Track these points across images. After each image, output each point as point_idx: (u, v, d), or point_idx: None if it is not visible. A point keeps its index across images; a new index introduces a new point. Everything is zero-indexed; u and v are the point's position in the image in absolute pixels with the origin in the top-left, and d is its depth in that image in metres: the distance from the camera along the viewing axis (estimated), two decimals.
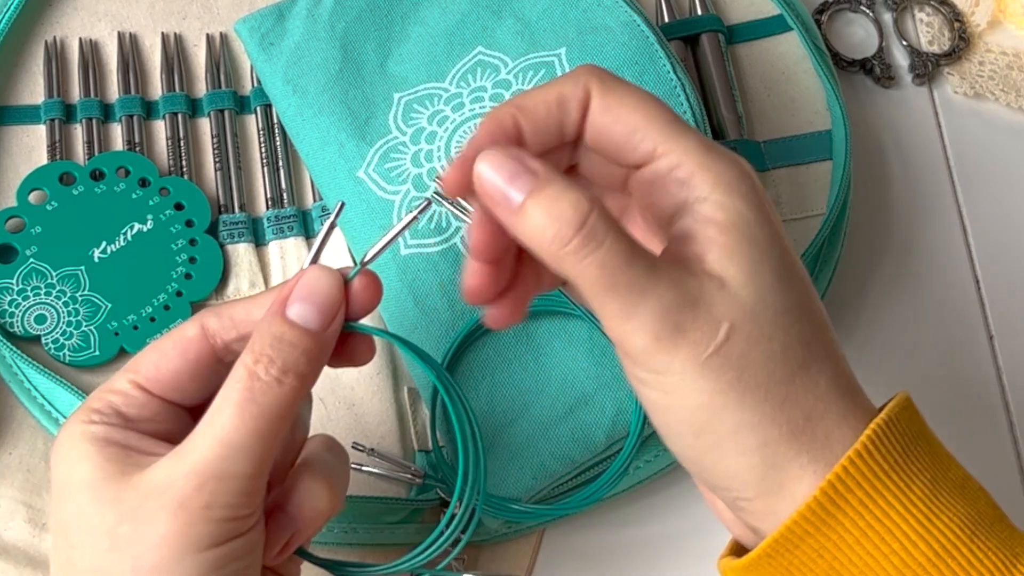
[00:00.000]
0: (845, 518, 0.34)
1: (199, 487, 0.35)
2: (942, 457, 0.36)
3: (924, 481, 0.35)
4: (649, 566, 0.52)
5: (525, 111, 0.37)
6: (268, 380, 0.36)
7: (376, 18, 0.57)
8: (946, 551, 0.34)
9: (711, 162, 0.36)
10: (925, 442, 0.36)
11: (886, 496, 0.34)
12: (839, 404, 0.35)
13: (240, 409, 0.36)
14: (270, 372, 0.37)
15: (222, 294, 0.54)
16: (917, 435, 0.36)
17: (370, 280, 0.39)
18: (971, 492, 0.36)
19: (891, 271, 0.60)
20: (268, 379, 0.36)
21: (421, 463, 0.51)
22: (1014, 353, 0.58)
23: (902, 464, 0.35)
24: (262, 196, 0.57)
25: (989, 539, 0.34)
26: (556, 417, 0.50)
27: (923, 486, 0.35)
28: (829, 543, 0.34)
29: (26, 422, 0.51)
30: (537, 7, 0.56)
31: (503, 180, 0.35)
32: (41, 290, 0.52)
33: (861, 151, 0.62)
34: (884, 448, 0.35)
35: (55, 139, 0.56)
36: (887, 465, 0.34)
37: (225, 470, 0.36)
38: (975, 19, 0.66)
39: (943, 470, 0.36)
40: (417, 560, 0.43)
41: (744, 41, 0.63)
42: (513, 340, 0.51)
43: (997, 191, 0.62)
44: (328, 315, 0.38)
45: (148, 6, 0.60)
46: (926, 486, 0.35)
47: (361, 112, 0.55)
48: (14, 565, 0.48)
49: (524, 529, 0.51)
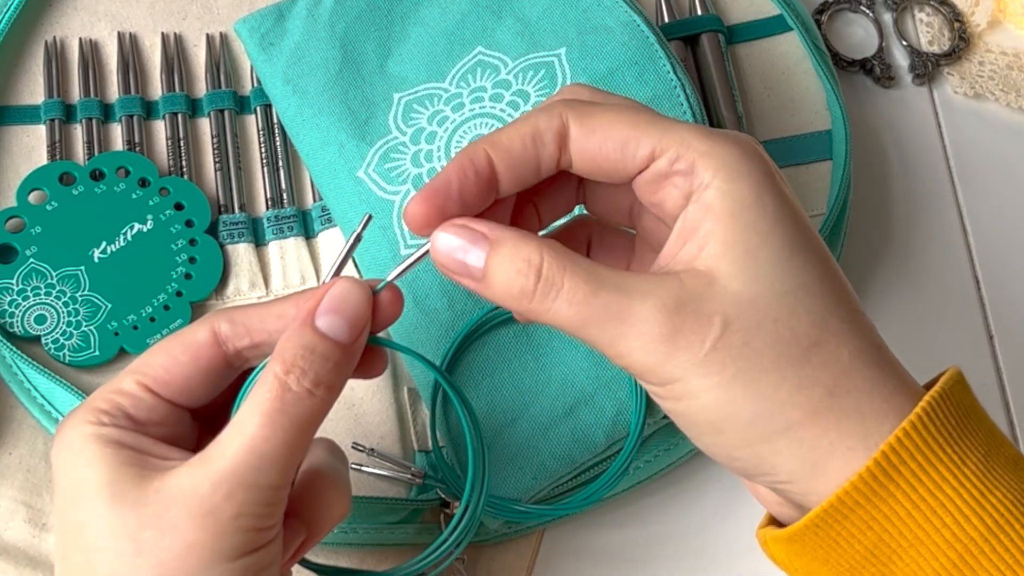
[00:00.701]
0: (897, 490, 0.34)
1: (228, 496, 0.35)
2: (995, 433, 0.36)
3: (978, 456, 0.34)
4: (649, 566, 0.52)
5: (498, 146, 0.37)
6: (299, 391, 0.36)
7: (376, 18, 0.57)
8: (999, 526, 0.33)
9: (710, 147, 0.35)
10: (977, 417, 0.36)
11: (939, 469, 0.34)
12: (866, 376, 0.34)
13: (271, 419, 0.36)
14: (302, 384, 0.36)
15: (222, 294, 0.54)
16: (969, 410, 0.36)
17: (395, 295, 0.39)
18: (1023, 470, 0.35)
19: (891, 271, 0.60)
20: (300, 390, 0.36)
21: (421, 463, 0.51)
22: (1014, 353, 0.58)
23: (956, 438, 0.34)
24: (262, 196, 0.57)
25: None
26: (556, 417, 0.50)
27: (977, 461, 0.34)
28: (879, 515, 0.34)
29: (26, 422, 0.51)
30: (537, 7, 0.56)
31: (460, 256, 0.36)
32: (41, 290, 0.52)
33: (861, 151, 0.62)
34: (938, 420, 0.34)
35: (55, 139, 0.56)
36: (941, 438, 0.34)
37: (254, 480, 0.35)
38: (975, 19, 0.66)
39: (996, 446, 0.35)
40: (423, 564, 0.43)
41: (744, 41, 0.63)
42: (513, 340, 0.51)
43: (997, 191, 0.62)
44: (357, 328, 0.38)
45: (148, 6, 0.60)
46: (980, 461, 0.34)
47: (361, 112, 0.55)
48: (14, 565, 0.48)
49: (524, 529, 0.51)
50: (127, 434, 0.37)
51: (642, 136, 0.36)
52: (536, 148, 0.37)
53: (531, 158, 0.37)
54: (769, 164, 0.36)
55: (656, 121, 0.36)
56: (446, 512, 0.50)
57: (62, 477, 0.37)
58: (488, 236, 0.36)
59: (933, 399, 0.34)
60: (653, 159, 0.36)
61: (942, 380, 0.35)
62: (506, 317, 0.51)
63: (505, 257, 0.36)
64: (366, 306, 0.38)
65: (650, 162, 0.36)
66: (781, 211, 0.35)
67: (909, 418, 0.34)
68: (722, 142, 0.36)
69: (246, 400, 0.36)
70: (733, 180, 0.35)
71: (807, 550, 0.36)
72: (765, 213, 0.35)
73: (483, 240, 0.36)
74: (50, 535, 0.49)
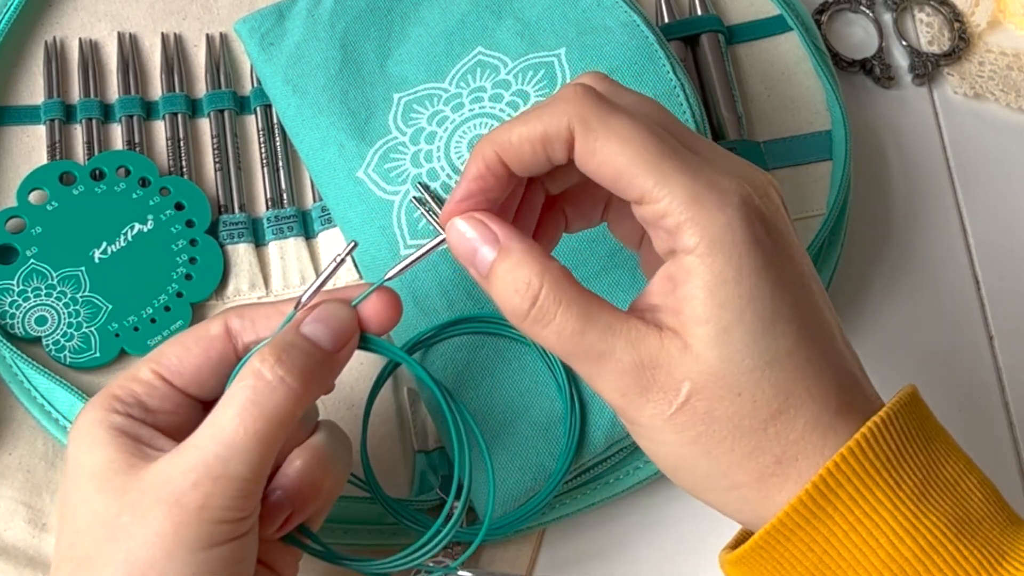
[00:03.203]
0: (835, 512, 0.35)
1: (195, 485, 0.36)
2: (938, 455, 0.37)
3: (915, 480, 0.35)
4: (649, 566, 0.52)
5: (508, 151, 0.38)
6: (272, 380, 0.37)
7: (376, 18, 0.57)
8: (932, 548, 0.35)
9: (697, 213, 0.35)
10: (924, 438, 0.37)
11: (875, 492, 0.35)
12: (816, 442, 0.36)
13: (242, 410, 0.36)
14: (275, 371, 0.37)
15: (222, 295, 0.54)
16: (917, 431, 0.37)
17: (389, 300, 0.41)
18: (963, 492, 0.36)
19: (891, 271, 0.60)
20: (272, 379, 0.37)
21: (421, 463, 0.51)
22: (1014, 353, 0.58)
23: (894, 463, 0.35)
24: (262, 196, 0.57)
25: (975, 538, 0.35)
26: (556, 417, 0.50)
27: (912, 485, 0.35)
28: (819, 536, 0.35)
29: (26, 423, 0.51)
30: (537, 7, 0.56)
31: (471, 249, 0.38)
32: (42, 291, 0.52)
33: (861, 151, 0.62)
34: (877, 447, 0.35)
35: (55, 139, 0.56)
36: (878, 463, 0.35)
37: (222, 470, 0.36)
38: (975, 19, 0.66)
39: (936, 468, 0.36)
40: (418, 556, 0.43)
41: (744, 41, 0.63)
42: (513, 341, 0.51)
43: (997, 191, 0.62)
44: (340, 339, 0.40)
45: (148, 6, 0.60)
46: (916, 485, 0.35)
47: (361, 112, 0.55)
48: (14, 565, 0.48)
49: (524, 529, 0.51)
50: (131, 422, 0.38)
51: (635, 177, 0.36)
52: (546, 152, 0.38)
53: (542, 160, 0.38)
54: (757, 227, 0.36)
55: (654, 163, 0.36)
56: None
57: (69, 459, 0.39)
58: (500, 240, 0.38)
59: (873, 426, 0.36)
60: (643, 203, 0.36)
61: (887, 406, 0.37)
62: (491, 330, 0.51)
63: (508, 271, 0.37)
64: (350, 323, 0.40)
65: (640, 203, 0.36)
66: (758, 287, 0.35)
67: (848, 444, 0.35)
68: (710, 209, 0.35)
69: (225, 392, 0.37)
70: (714, 254, 0.35)
71: (755, 571, 0.37)
72: (740, 290, 0.35)
73: (495, 242, 0.38)
74: (50, 535, 0.49)
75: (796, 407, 0.36)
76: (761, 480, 0.36)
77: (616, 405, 0.37)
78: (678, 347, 0.36)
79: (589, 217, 0.43)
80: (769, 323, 0.36)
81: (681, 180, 0.35)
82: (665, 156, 0.36)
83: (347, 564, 0.44)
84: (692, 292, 0.35)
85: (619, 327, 0.36)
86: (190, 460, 0.36)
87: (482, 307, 0.51)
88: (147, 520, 0.36)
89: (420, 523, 0.48)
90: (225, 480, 0.36)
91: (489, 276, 0.38)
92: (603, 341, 0.36)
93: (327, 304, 0.40)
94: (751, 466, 0.36)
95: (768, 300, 0.36)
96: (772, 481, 0.36)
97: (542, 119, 0.37)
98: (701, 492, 0.38)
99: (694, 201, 0.35)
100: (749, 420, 0.35)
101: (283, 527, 0.40)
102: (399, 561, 0.43)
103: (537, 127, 0.37)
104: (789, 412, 0.36)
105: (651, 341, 0.36)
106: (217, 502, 0.36)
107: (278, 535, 0.40)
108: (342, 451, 0.43)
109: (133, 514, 0.36)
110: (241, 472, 0.36)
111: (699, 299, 0.35)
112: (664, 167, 0.36)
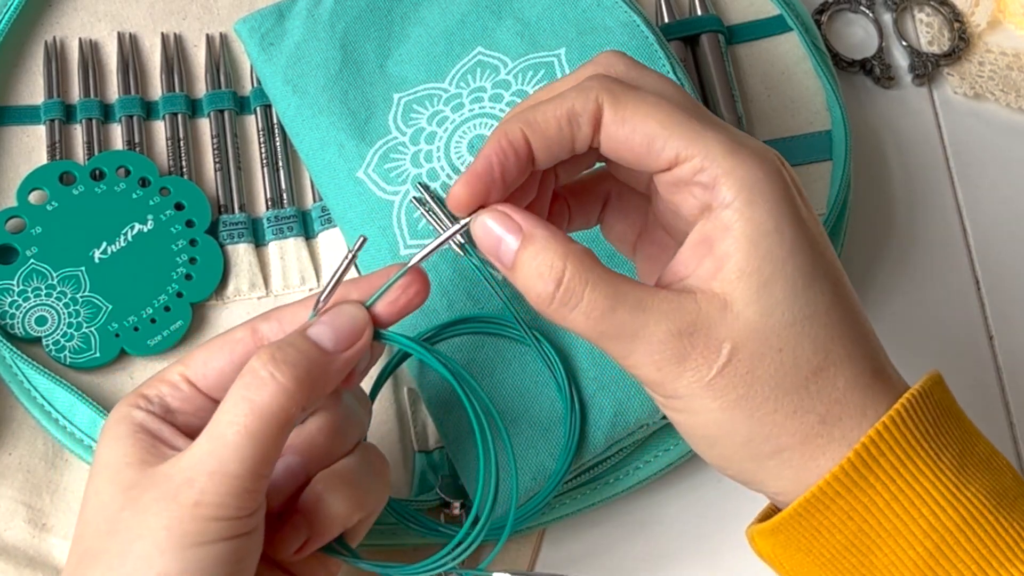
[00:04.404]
0: (877, 481, 0.35)
1: (189, 482, 0.36)
2: (971, 432, 0.37)
3: (953, 453, 0.36)
4: (650, 565, 0.52)
5: (535, 128, 0.38)
6: (264, 376, 0.37)
7: (376, 18, 0.57)
8: (973, 519, 0.35)
9: (735, 165, 0.36)
10: (955, 417, 0.37)
11: (917, 463, 0.35)
12: (857, 403, 0.36)
13: (235, 407, 0.36)
14: (267, 368, 0.37)
15: (222, 295, 0.54)
16: (947, 410, 0.37)
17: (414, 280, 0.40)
18: (997, 468, 0.37)
19: (891, 271, 0.60)
20: (264, 375, 0.37)
21: (421, 463, 0.51)
22: (1014, 353, 0.58)
23: (932, 435, 0.36)
24: (262, 196, 0.57)
25: (1013, 512, 0.35)
26: (556, 417, 0.50)
27: (952, 457, 0.36)
28: (859, 505, 0.35)
29: (26, 423, 0.51)
30: (536, 7, 0.56)
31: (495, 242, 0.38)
32: (42, 291, 0.52)
33: (861, 151, 0.62)
34: (916, 418, 0.35)
35: (55, 139, 0.56)
36: (919, 433, 0.35)
37: (216, 467, 0.36)
38: (975, 19, 0.66)
39: (971, 444, 0.37)
40: (447, 560, 0.42)
41: (744, 41, 0.63)
42: (513, 340, 0.51)
43: (997, 191, 0.62)
44: (342, 339, 0.39)
45: (148, 6, 0.60)
46: (955, 457, 0.36)
47: (361, 112, 0.55)
48: (14, 566, 0.48)
49: (524, 529, 0.51)
50: (153, 420, 0.39)
51: (669, 138, 0.36)
52: (572, 130, 0.37)
53: (567, 139, 0.38)
54: (790, 186, 0.36)
55: (686, 123, 0.36)
56: (446, 512, 0.50)
57: (96, 451, 0.39)
58: (523, 229, 0.37)
59: (912, 397, 0.36)
60: (676, 163, 0.36)
61: (921, 381, 0.37)
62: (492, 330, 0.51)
63: (532, 256, 0.37)
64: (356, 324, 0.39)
65: (673, 165, 0.36)
66: (798, 239, 0.36)
67: (889, 413, 0.35)
68: (747, 161, 0.36)
69: None
70: (754, 204, 0.35)
71: (791, 540, 0.37)
72: (783, 241, 0.35)
73: (518, 232, 0.37)
74: (50, 535, 0.49)
75: (836, 365, 0.35)
76: (805, 441, 0.35)
77: (652, 380, 0.36)
78: (717, 307, 0.35)
79: (588, 215, 0.43)
80: (809, 277, 0.36)
81: (716, 135, 0.36)
82: (697, 118, 0.36)
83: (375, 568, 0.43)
84: (732, 246, 0.35)
85: (650, 300, 0.36)
86: (187, 458, 0.36)
87: (482, 307, 0.51)
88: (144, 515, 0.36)
89: (420, 523, 0.48)
90: (219, 477, 0.36)
91: (514, 266, 0.37)
92: (635, 317, 0.36)
93: (339, 306, 0.40)
94: (794, 426, 0.35)
95: (807, 254, 0.36)
96: (817, 442, 0.35)
97: (568, 96, 0.37)
98: (740, 462, 0.37)
99: (731, 154, 0.36)
100: (791, 378, 0.35)
101: (300, 551, 0.40)
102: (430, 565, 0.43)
103: (563, 103, 0.37)
104: (829, 370, 0.35)
105: (688, 306, 0.35)
106: (211, 499, 0.35)
107: (296, 558, 0.40)
108: (374, 482, 0.42)
109: (133, 509, 0.36)
110: (235, 469, 0.36)
111: (741, 252, 0.35)
112: (695, 128, 0.36)
